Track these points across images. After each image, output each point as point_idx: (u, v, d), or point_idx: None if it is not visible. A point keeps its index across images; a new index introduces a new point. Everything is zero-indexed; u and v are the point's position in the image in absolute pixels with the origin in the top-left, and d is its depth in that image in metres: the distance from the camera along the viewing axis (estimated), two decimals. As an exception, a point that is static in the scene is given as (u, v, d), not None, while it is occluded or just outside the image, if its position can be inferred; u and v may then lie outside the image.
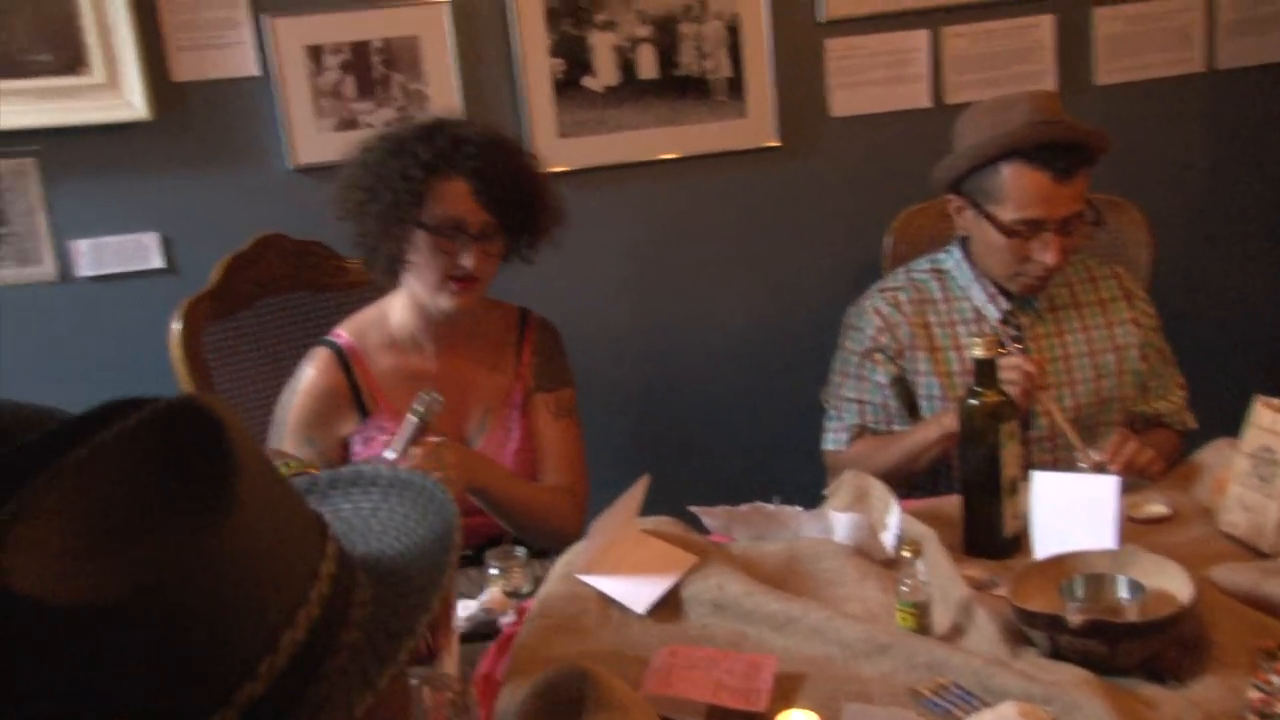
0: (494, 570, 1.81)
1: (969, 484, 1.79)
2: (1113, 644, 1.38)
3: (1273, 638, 1.39)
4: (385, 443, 2.01)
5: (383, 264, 2.04)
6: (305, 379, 2.08)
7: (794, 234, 2.98)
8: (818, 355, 2.44)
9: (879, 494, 1.85)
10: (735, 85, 2.87)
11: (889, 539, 1.75)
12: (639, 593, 1.66)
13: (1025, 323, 2.22)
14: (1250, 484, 1.73)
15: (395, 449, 1.85)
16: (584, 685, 1.34)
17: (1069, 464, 1.98)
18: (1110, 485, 1.66)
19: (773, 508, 1.83)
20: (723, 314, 3.00)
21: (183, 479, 0.66)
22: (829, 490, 1.95)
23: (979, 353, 1.79)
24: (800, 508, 1.83)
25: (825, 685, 1.46)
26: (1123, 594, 1.50)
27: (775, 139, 2.90)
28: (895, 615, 1.55)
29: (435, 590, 0.76)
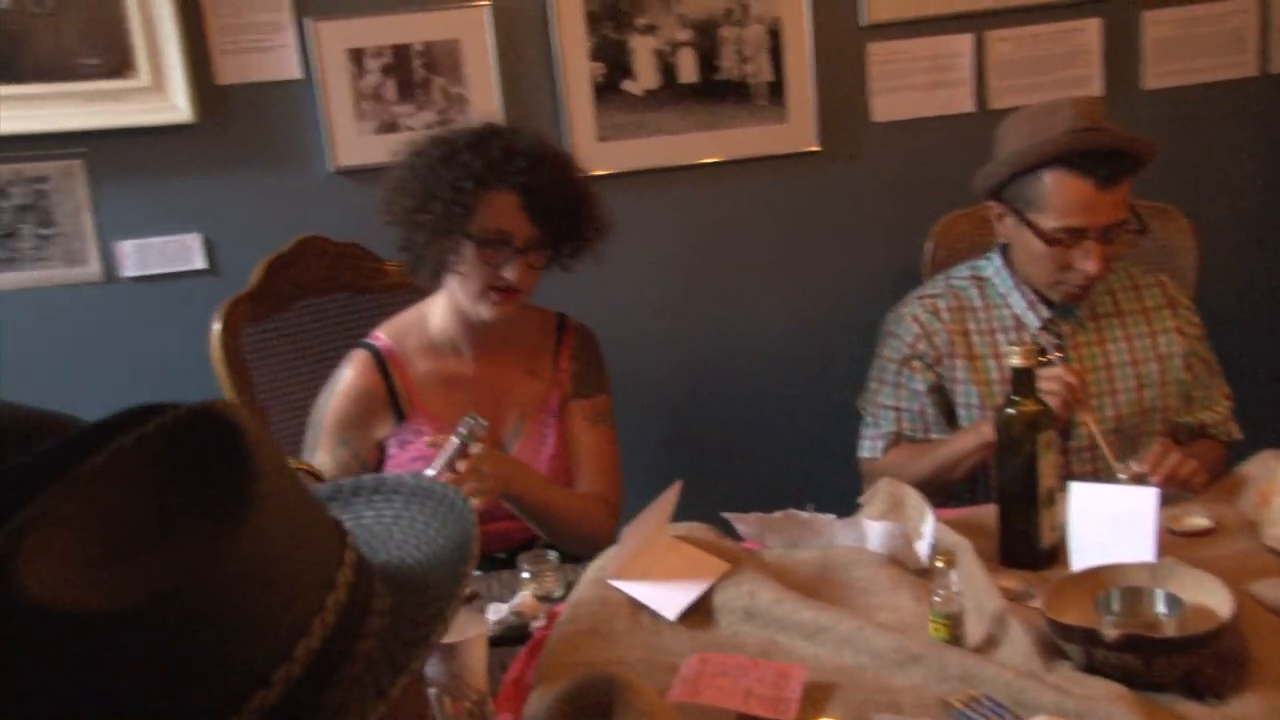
0: (526, 574, 1.81)
1: (1005, 494, 1.77)
2: (1149, 659, 1.36)
3: (1315, 656, 1.37)
4: (420, 458, 2.02)
5: (427, 270, 2.05)
6: (343, 381, 2.09)
7: (833, 239, 2.97)
8: (856, 362, 2.42)
9: (914, 502, 1.83)
10: (776, 89, 2.86)
11: (923, 548, 1.73)
12: (670, 599, 1.65)
13: (1066, 331, 2.19)
14: (1296, 498, 1.69)
15: (435, 467, 1.86)
16: (612, 691, 1.34)
17: (1109, 474, 1.95)
18: (1149, 497, 1.64)
19: (806, 515, 1.82)
20: (760, 319, 2.99)
21: (201, 486, 0.67)
22: (864, 498, 1.94)
23: (1017, 361, 1.76)
24: (834, 515, 1.82)
25: (855, 695, 1.44)
26: (1160, 608, 1.47)
27: (815, 144, 2.89)
28: (928, 626, 1.54)
29: (451, 601, 0.76)
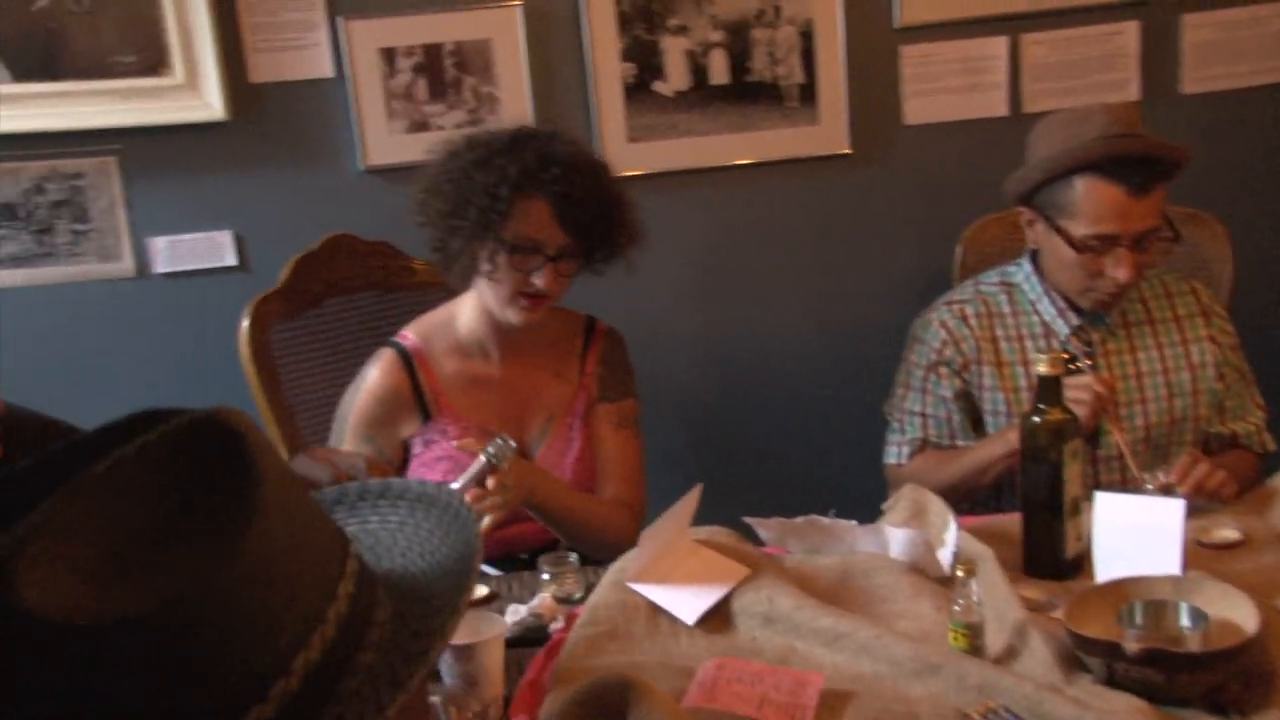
0: (546, 575, 1.81)
1: (1030, 503, 1.75)
2: (1171, 674, 1.34)
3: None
4: (445, 457, 2.04)
5: (458, 272, 2.06)
6: (369, 379, 2.10)
7: (863, 243, 2.95)
8: (883, 366, 2.40)
9: (937, 510, 1.82)
10: (808, 91, 2.84)
11: (945, 556, 1.72)
12: (689, 603, 1.65)
13: (1096, 338, 2.17)
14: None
15: (459, 481, 1.86)
16: (627, 695, 1.33)
17: (1137, 484, 1.93)
18: (1176, 509, 1.61)
19: (828, 521, 1.81)
20: (788, 322, 2.97)
21: (202, 497, 0.66)
22: (886, 505, 1.92)
23: (1043, 369, 1.75)
24: (855, 522, 1.80)
25: (873, 704, 1.43)
26: (1184, 622, 1.45)
27: (847, 146, 2.87)
28: (948, 635, 1.52)
29: (452, 616, 0.75)
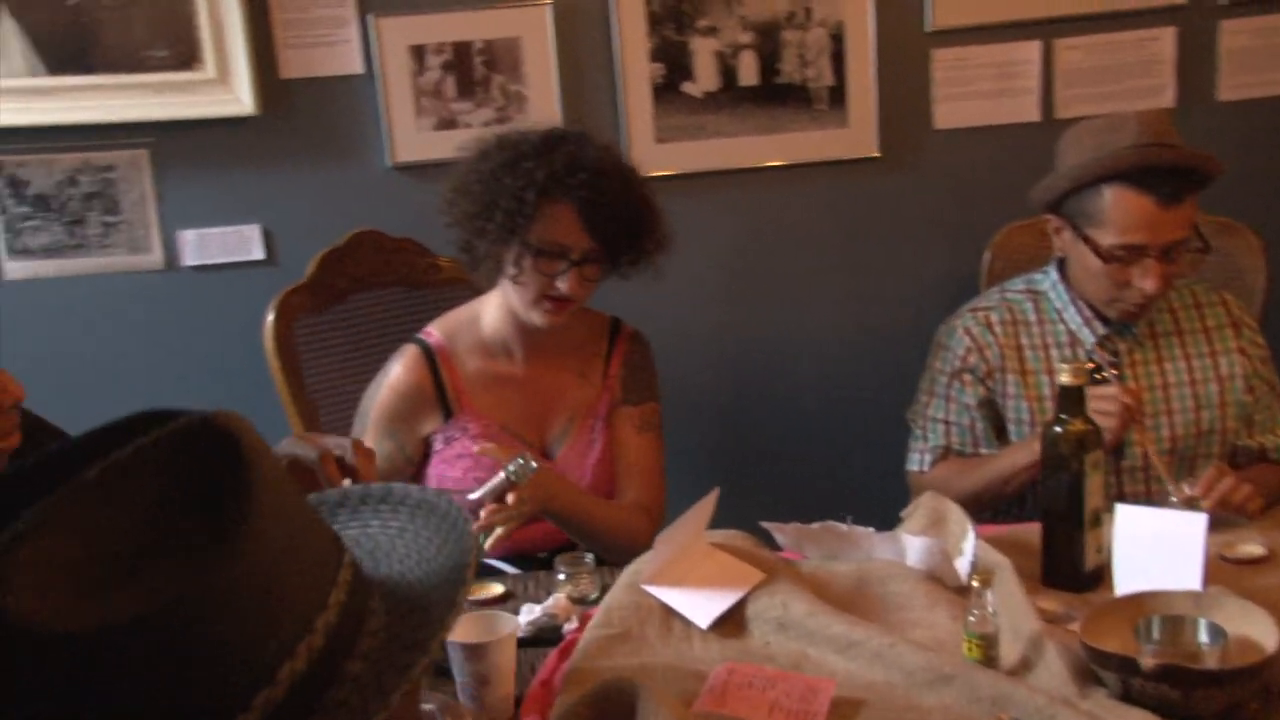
0: (562, 575, 1.81)
1: (1049, 514, 1.74)
2: (1187, 691, 1.32)
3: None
4: (465, 455, 2.06)
5: (484, 272, 2.07)
6: (392, 375, 2.11)
7: (891, 248, 2.93)
8: (908, 372, 2.38)
9: (956, 519, 1.80)
10: (837, 94, 2.83)
11: (963, 565, 1.71)
12: (703, 606, 1.65)
13: (1123, 348, 2.14)
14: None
15: (478, 493, 1.87)
16: (636, 699, 1.33)
17: (1162, 495, 1.91)
18: (1198, 523, 1.59)
19: (845, 527, 1.80)
20: (813, 326, 2.96)
21: (195, 503, 0.66)
22: (905, 512, 1.91)
23: (1066, 379, 1.73)
24: (872, 529, 1.79)
25: (884, 713, 1.42)
26: (1203, 638, 1.43)
27: (876, 150, 2.86)
28: (962, 645, 1.51)
29: (439, 630, 0.75)
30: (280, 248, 2.75)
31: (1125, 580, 1.63)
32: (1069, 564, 1.72)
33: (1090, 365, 2.02)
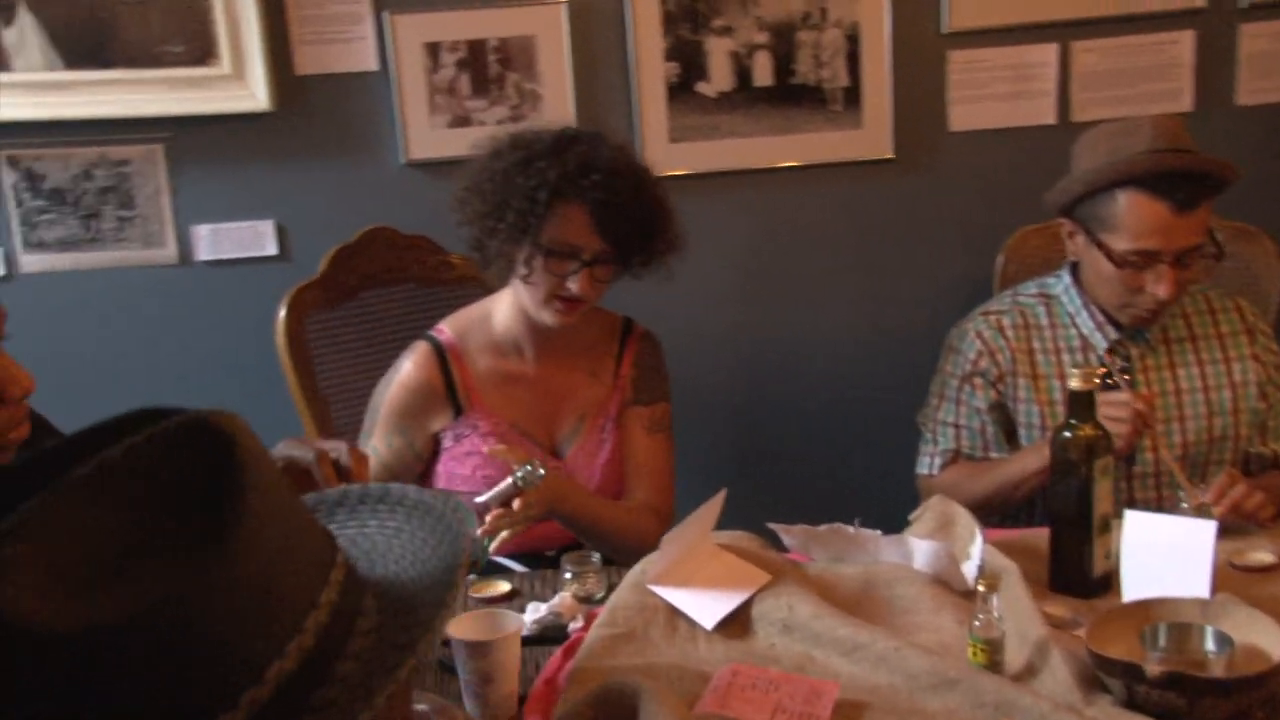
0: (568, 574, 1.81)
1: (1058, 519, 1.73)
2: (1193, 699, 1.31)
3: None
4: (474, 453, 2.07)
5: (495, 271, 2.07)
6: (403, 371, 2.11)
7: (904, 250, 2.92)
8: (920, 375, 2.37)
9: (964, 522, 1.80)
10: (852, 95, 2.82)
11: (970, 570, 1.70)
12: (708, 607, 1.64)
13: (1135, 354, 2.13)
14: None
15: (485, 497, 1.87)
16: (638, 700, 1.33)
17: (1173, 502, 1.90)
18: (1207, 530, 1.58)
19: (852, 530, 1.79)
20: (826, 327, 2.95)
21: (186, 503, 0.66)
22: (913, 516, 1.91)
23: (1076, 384, 1.72)
24: (879, 532, 1.79)
25: (887, 716, 1.42)
26: (1209, 646, 1.42)
27: (890, 151, 2.84)
28: (967, 649, 1.50)
29: (426, 632, 0.74)
30: (294, 244, 2.76)
31: (1133, 587, 1.62)
32: (1077, 569, 1.71)
33: (1102, 370, 2.01)
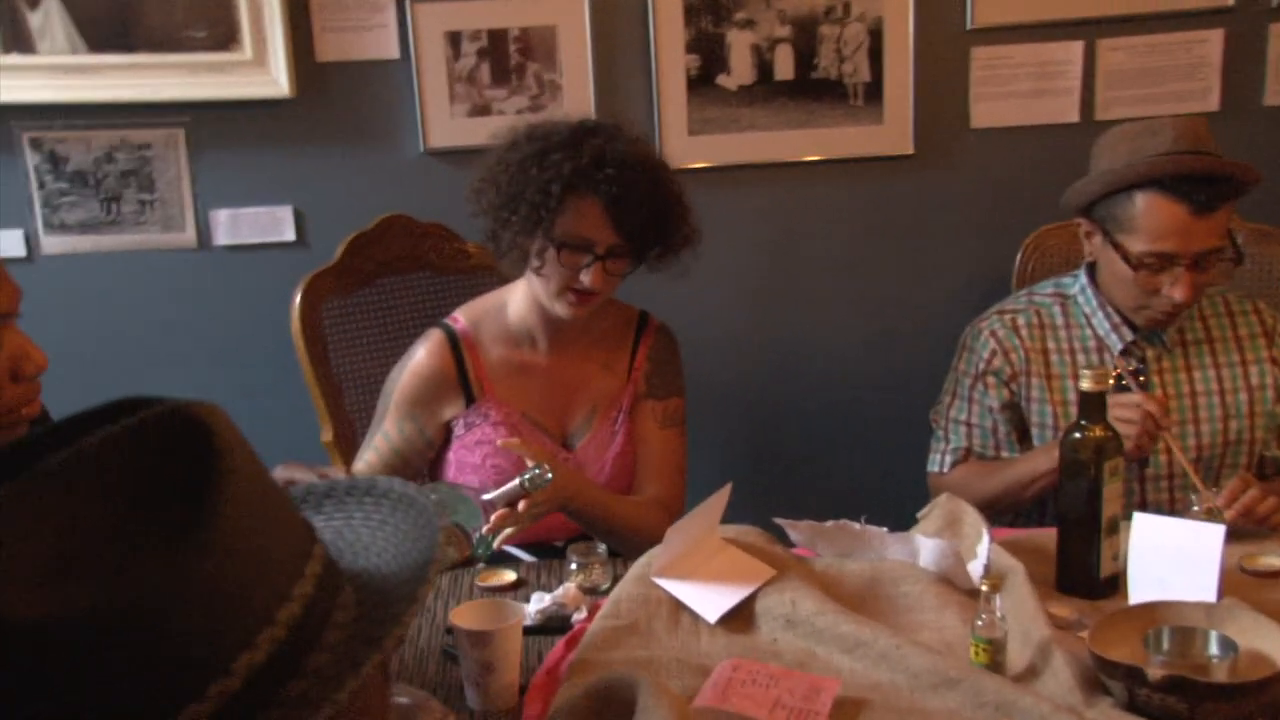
0: (574, 565, 1.82)
1: (1066, 519, 1.72)
2: (1194, 703, 1.31)
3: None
4: (484, 442, 2.07)
5: (509, 262, 2.07)
6: (416, 358, 2.12)
7: (923, 246, 2.91)
8: (935, 373, 2.35)
9: (971, 521, 1.79)
10: (874, 90, 2.81)
11: (976, 569, 1.69)
12: (712, 601, 1.64)
13: (1151, 355, 2.11)
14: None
15: (491, 495, 1.87)
16: (637, 693, 1.33)
17: (1185, 505, 1.89)
18: (1215, 534, 1.57)
19: (859, 527, 1.79)
20: (841, 322, 2.94)
21: (159, 494, 0.65)
22: (921, 513, 1.90)
23: (1087, 385, 1.70)
24: (885, 529, 1.78)
25: (887, 714, 1.42)
26: (1213, 651, 1.41)
27: (911, 147, 2.83)
28: (969, 649, 1.50)
29: (394, 626, 0.74)
30: (312, 230, 2.77)
31: (1140, 589, 1.61)
32: (1084, 570, 1.70)
33: (1116, 371, 2.00)
